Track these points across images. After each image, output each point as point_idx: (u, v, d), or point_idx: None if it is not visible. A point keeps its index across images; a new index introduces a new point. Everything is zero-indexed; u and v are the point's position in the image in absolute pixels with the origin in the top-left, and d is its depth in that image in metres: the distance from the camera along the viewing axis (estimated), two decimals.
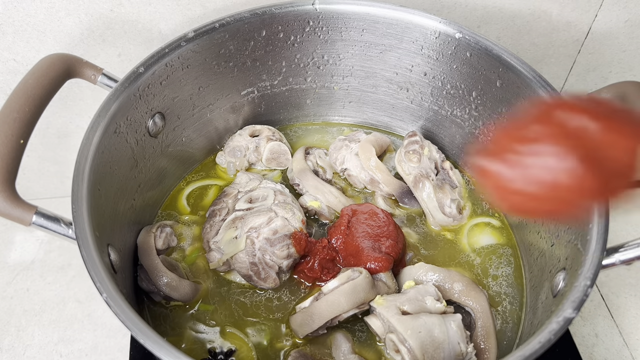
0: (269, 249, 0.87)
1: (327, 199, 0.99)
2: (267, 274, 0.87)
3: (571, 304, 0.65)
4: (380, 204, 1.01)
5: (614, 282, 1.10)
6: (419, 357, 0.75)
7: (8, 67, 1.02)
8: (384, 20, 0.97)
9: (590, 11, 1.08)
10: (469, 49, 0.93)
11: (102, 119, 0.80)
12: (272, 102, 1.12)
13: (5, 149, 0.71)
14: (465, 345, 0.78)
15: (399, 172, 1.02)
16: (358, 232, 0.91)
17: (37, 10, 0.96)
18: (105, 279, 0.65)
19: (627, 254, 0.70)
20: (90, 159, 0.75)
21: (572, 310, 0.64)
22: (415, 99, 1.08)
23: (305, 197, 1.00)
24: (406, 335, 0.76)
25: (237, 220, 0.90)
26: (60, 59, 0.84)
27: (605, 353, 1.00)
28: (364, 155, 1.02)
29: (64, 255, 1.16)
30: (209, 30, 0.93)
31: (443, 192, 0.98)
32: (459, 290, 0.86)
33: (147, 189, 0.96)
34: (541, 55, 1.16)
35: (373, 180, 1.02)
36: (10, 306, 1.07)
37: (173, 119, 0.97)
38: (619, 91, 0.85)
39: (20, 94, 0.77)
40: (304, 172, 1.02)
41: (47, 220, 0.71)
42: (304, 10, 0.97)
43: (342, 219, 0.94)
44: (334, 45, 1.04)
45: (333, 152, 1.06)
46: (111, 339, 1.03)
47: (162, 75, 0.90)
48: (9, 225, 1.19)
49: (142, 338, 0.61)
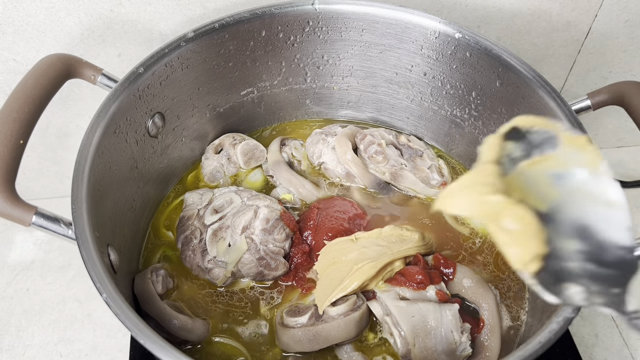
0: (269, 238, 0.87)
1: (300, 192, 1.01)
2: (276, 261, 0.88)
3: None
4: (357, 197, 1.02)
5: None
6: (409, 341, 0.77)
7: (8, 67, 1.02)
8: (384, 20, 0.97)
9: (590, 11, 1.08)
10: (469, 49, 0.93)
11: (102, 119, 0.80)
12: (271, 102, 1.12)
13: (5, 149, 0.71)
14: (459, 334, 0.79)
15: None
16: (326, 227, 0.92)
17: (37, 10, 0.96)
18: (105, 279, 0.65)
19: None
20: (90, 159, 0.75)
21: (572, 310, 0.64)
22: (415, 99, 1.08)
23: (278, 190, 1.02)
24: (399, 319, 0.78)
25: (219, 231, 0.89)
26: (60, 59, 0.84)
27: (605, 353, 1.00)
28: (340, 149, 1.02)
29: (64, 256, 1.16)
30: (208, 30, 0.92)
31: (419, 168, 1.01)
32: (467, 286, 0.87)
33: (147, 189, 0.96)
34: (541, 55, 1.16)
35: (349, 174, 1.02)
36: (10, 306, 1.07)
37: (173, 119, 0.97)
38: (619, 91, 0.85)
39: (20, 94, 0.77)
40: (278, 164, 1.03)
41: (46, 220, 0.71)
42: (303, 10, 0.97)
43: (311, 212, 0.96)
44: (334, 45, 1.04)
45: (310, 145, 1.07)
46: (111, 339, 1.03)
47: (162, 75, 0.90)
48: (9, 225, 1.19)
49: (142, 338, 0.61)
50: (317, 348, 0.80)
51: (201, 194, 0.98)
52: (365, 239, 0.89)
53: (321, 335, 0.79)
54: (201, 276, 0.90)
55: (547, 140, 0.60)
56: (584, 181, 0.58)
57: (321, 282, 0.85)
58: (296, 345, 0.81)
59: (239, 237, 0.87)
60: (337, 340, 0.80)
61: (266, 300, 0.89)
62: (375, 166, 1.02)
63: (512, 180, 0.58)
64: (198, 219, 0.93)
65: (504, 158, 0.59)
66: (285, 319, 0.83)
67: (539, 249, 0.54)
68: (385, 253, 0.86)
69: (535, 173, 0.59)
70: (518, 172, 0.59)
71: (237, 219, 0.88)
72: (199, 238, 0.91)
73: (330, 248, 0.89)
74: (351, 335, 0.81)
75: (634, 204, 1.23)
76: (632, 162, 1.33)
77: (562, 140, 0.60)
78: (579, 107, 0.87)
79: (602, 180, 0.57)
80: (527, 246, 0.54)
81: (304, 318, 0.82)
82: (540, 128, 0.60)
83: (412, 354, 0.78)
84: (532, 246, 0.54)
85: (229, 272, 0.87)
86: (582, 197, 0.58)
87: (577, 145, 0.59)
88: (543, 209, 0.57)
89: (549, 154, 0.60)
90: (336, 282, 0.83)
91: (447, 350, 0.78)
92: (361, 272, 0.83)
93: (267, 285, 0.90)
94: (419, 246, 0.90)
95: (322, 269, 0.87)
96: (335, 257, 0.87)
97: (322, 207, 0.97)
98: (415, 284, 0.83)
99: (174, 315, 0.81)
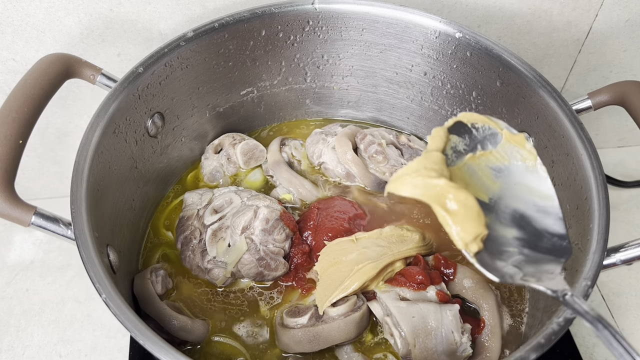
0: (269, 239, 0.87)
1: (300, 192, 1.00)
2: (276, 262, 0.88)
3: None
4: (357, 197, 1.02)
5: (615, 282, 1.10)
6: (410, 342, 0.77)
7: (7, 66, 1.02)
8: (384, 19, 0.97)
9: (591, 11, 1.08)
10: (469, 48, 0.93)
11: (101, 119, 0.80)
12: (271, 102, 1.11)
13: (4, 149, 0.71)
14: (459, 334, 0.78)
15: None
16: (326, 227, 0.92)
17: (37, 9, 0.96)
18: (104, 280, 0.65)
19: (628, 253, 0.70)
20: (90, 159, 0.75)
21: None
22: (415, 99, 1.08)
23: (278, 190, 1.02)
24: (399, 319, 0.78)
25: (219, 231, 0.89)
26: (59, 58, 0.84)
27: (606, 353, 1.00)
28: (340, 148, 1.02)
29: (63, 256, 1.15)
30: (208, 30, 0.92)
31: None
32: (468, 286, 0.87)
33: (146, 189, 0.96)
34: (541, 55, 1.16)
35: (349, 174, 1.02)
36: (9, 306, 1.07)
37: (172, 119, 0.97)
38: (619, 91, 0.85)
39: (19, 93, 0.77)
40: (278, 164, 1.03)
41: (46, 220, 0.70)
42: (303, 9, 0.97)
43: (311, 212, 0.96)
44: (334, 45, 1.04)
45: (310, 145, 1.07)
46: (110, 339, 1.03)
47: (162, 75, 0.90)
48: (8, 226, 1.19)
49: (142, 338, 0.61)
50: (317, 349, 0.80)
51: (201, 194, 0.97)
52: (366, 240, 0.89)
53: (321, 335, 0.79)
54: (201, 276, 0.90)
55: (490, 136, 0.65)
56: (522, 175, 0.64)
57: (322, 283, 0.85)
58: (296, 345, 0.80)
59: (239, 237, 0.87)
60: (337, 341, 0.80)
61: (266, 300, 0.88)
62: (375, 166, 1.02)
63: (456, 171, 0.63)
64: (198, 219, 0.93)
65: (449, 150, 0.64)
66: (285, 319, 0.83)
67: (480, 231, 0.58)
68: (386, 254, 0.86)
69: (479, 166, 0.65)
70: (463, 164, 0.64)
71: (236, 219, 0.88)
72: (199, 238, 0.90)
73: (330, 248, 0.89)
74: (351, 335, 0.81)
75: (634, 203, 1.23)
76: (633, 162, 1.32)
77: (503, 138, 0.65)
78: (579, 107, 0.87)
79: (538, 175, 0.63)
80: (469, 227, 0.57)
81: (304, 318, 0.82)
82: (484, 124, 0.66)
83: (412, 354, 0.77)
84: (473, 227, 0.57)
85: (229, 272, 0.87)
86: (520, 189, 0.64)
87: (516, 142, 0.65)
88: (485, 200, 0.62)
89: (491, 150, 0.65)
90: (337, 282, 0.83)
91: (448, 351, 0.78)
92: (362, 272, 0.83)
93: (267, 285, 0.90)
94: (419, 247, 0.90)
95: (323, 269, 0.87)
96: (335, 258, 0.87)
97: (322, 207, 0.97)
98: (415, 284, 0.83)
99: (173, 316, 0.81)
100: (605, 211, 0.71)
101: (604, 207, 0.72)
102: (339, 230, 0.92)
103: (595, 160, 0.76)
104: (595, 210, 0.72)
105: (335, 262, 0.86)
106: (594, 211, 0.72)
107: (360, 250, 0.87)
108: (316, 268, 0.88)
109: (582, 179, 0.76)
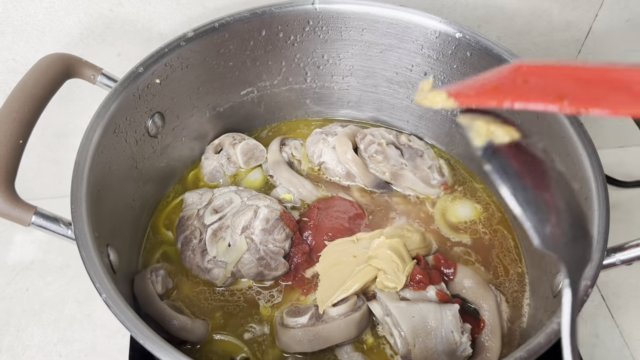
0: (269, 238, 0.87)
1: (300, 192, 1.00)
2: (276, 261, 0.88)
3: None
4: (357, 197, 1.02)
5: (615, 282, 1.10)
6: (410, 342, 0.77)
7: (7, 66, 1.02)
8: (384, 19, 0.97)
9: (591, 11, 1.08)
10: (469, 48, 0.93)
11: (102, 119, 0.80)
12: (271, 102, 1.11)
13: (4, 149, 0.71)
14: (459, 334, 0.78)
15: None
16: (326, 226, 0.92)
17: (37, 9, 0.96)
18: (104, 280, 0.65)
19: (628, 253, 0.70)
20: (90, 159, 0.75)
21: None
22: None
23: (278, 190, 1.02)
24: (399, 319, 0.78)
25: (219, 230, 0.89)
26: (59, 58, 0.84)
27: (606, 354, 1.00)
28: (340, 148, 1.02)
29: (63, 256, 1.15)
30: (208, 30, 0.92)
31: (419, 168, 1.01)
32: (468, 286, 0.87)
33: (146, 189, 0.96)
34: (542, 54, 1.16)
35: (349, 173, 1.02)
36: (9, 306, 1.07)
37: (172, 118, 0.97)
38: None
39: (19, 93, 0.77)
40: (278, 164, 1.03)
41: (46, 220, 0.71)
42: (303, 9, 0.97)
43: (311, 212, 0.96)
44: (334, 45, 1.04)
45: (310, 145, 1.07)
46: (110, 339, 1.03)
47: (162, 75, 0.90)
48: (8, 225, 1.19)
49: (142, 338, 0.61)
50: (318, 348, 0.80)
51: (201, 193, 0.97)
52: (367, 240, 0.89)
53: (321, 335, 0.79)
54: (201, 276, 0.90)
55: None
56: None
57: (323, 283, 0.85)
58: (296, 345, 0.80)
59: (239, 237, 0.87)
60: (338, 341, 0.80)
61: (266, 300, 0.88)
62: (375, 166, 1.02)
63: None
64: (198, 218, 0.93)
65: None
66: (286, 319, 0.83)
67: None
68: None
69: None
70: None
71: (237, 219, 0.88)
72: (199, 238, 0.90)
73: (331, 249, 0.89)
74: (351, 335, 0.81)
75: (634, 203, 1.23)
76: (633, 162, 1.32)
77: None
78: None
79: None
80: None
81: (304, 318, 0.82)
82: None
83: (412, 354, 0.77)
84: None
85: (229, 272, 0.87)
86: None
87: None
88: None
89: None
90: (338, 283, 0.83)
91: (448, 351, 0.78)
92: (363, 273, 0.83)
93: (267, 285, 0.90)
94: (419, 247, 0.90)
95: (324, 270, 0.87)
96: (336, 259, 0.87)
97: (322, 207, 0.97)
98: (415, 284, 0.83)
99: (173, 316, 0.81)
100: (605, 211, 0.71)
101: (604, 207, 0.72)
102: (339, 230, 0.92)
103: (595, 160, 0.76)
104: (595, 210, 0.72)
105: (336, 262, 0.87)
106: (594, 211, 0.72)
107: (361, 251, 0.87)
108: (317, 268, 0.88)
109: (582, 179, 0.76)
